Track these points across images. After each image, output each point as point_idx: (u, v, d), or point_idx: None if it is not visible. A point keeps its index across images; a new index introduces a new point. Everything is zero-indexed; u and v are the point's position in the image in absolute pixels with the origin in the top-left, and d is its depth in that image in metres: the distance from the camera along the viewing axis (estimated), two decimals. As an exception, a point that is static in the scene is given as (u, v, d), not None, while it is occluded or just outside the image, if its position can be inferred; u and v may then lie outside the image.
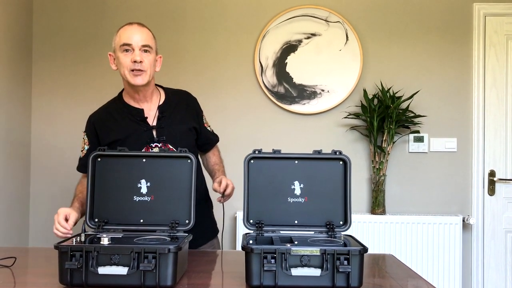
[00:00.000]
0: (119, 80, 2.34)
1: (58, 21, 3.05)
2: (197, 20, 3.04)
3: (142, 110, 1.72)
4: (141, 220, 1.41)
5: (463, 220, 2.89)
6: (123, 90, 1.79)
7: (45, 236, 3.00)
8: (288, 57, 2.99)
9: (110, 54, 1.73)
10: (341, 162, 1.42)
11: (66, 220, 1.50)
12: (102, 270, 1.15)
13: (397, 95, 2.93)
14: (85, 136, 1.75)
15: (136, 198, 1.41)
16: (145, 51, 1.65)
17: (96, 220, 1.40)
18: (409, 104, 2.92)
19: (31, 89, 3.05)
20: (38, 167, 3.04)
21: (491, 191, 2.99)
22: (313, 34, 2.99)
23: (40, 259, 1.51)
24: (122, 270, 1.15)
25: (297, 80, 2.99)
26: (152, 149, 1.66)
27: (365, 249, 1.17)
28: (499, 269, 2.97)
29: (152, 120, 1.71)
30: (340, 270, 1.14)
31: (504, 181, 2.99)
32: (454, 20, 3.01)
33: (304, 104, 2.99)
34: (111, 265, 1.15)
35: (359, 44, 2.97)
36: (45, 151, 3.03)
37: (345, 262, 1.15)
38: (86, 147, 1.74)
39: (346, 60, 2.99)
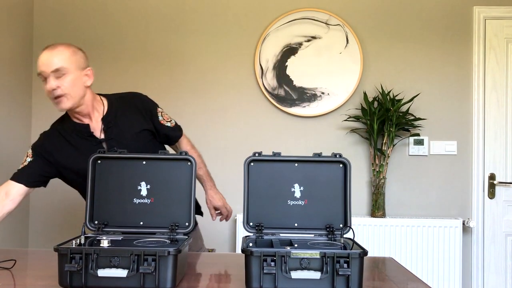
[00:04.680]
0: (119, 81, 2.38)
1: (59, 23, 3.06)
2: (197, 23, 3.04)
3: (88, 125, 1.69)
4: (141, 223, 1.40)
5: (463, 223, 2.88)
6: None
7: (44, 238, 3.00)
8: (289, 60, 3.00)
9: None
10: (341, 165, 1.42)
11: None
12: (102, 272, 1.15)
13: (397, 98, 2.93)
14: (31, 150, 1.72)
15: (136, 201, 1.41)
16: (58, 77, 1.57)
17: (96, 222, 1.40)
18: (409, 107, 2.93)
19: (31, 90, 3.05)
20: (38, 169, 3.04)
21: (491, 194, 2.99)
22: (314, 37, 3.00)
23: (39, 261, 1.51)
24: (121, 273, 1.14)
25: (297, 82, 2.99)
26: None
27: (365, 252, 1.17)
28: (499, 272, 2.96)
29: (99, 133, 1.70)
30: (340, 273, 1.14)
31: (504, 184, 2.99)
32: (454, 23, 3.01)
33: (304, 106, 2.99)
34: (110, 267, 1.15)
35: (359, 47, 2.98)
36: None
37: (345, 265, 1.15)
38: (29, 159, 1.71)
39: (346, 63, 2.99)
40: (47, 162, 1.71)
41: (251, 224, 1.40)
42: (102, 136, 1.69)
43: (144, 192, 1.41)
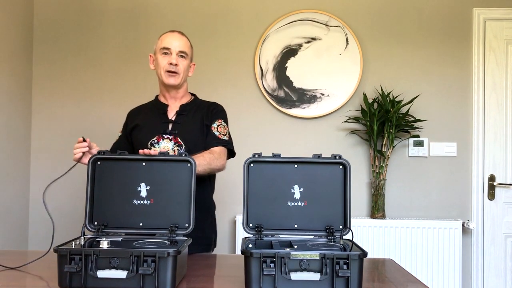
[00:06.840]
0: (119, 81, 2.37)
1: (59, 23, 3.06)
2: (197, 24, 3.05)
3: (167, 105, 1.92)
4: (141, 224, 1.40)
5: (463, 225, 2.89)
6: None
7: (44, 239, 3.00)
8: (288, 61, 3.00)
9: (150, 55, 1.95)
10: (340, 166, 1.42)
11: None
12: (101, 273, 1.15)
13: (397, 99, 2.93)
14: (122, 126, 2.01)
15: (135, 202, 1.41)
16: (181, 56, 1.87)
17: (96, 223, 1.40)
18: (409, 108, 2.93)
19: (32, 89, 3.05)
20: (38, 168, 3.04)
21: (491, 195, 2.99)
22: (313, 38, 3.00)
23: (39, 262, 1.51)
24: (121, 274, 1.14)
25: (297, 84, 2.99)
26: (163, 140, 1.83)
27: (364, 254, 1.17)
28: (499, 274, 2.96)
29: (172, 115, 1.89)
30: (339, 275, 1.14)
31: (504, 185, 2.99)
32: (454, 25, 3.02)
33: (304, 108, 2.99)
34: (110, 268, 1.15)
35: (359, 49, 2.98)
36: (45, 152, 3.03)
37: (345, 267, 1.15)
38: (119, 134, 2.00)
39: (346, 64, 2.99)
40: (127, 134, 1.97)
41: (250, 225, 1.40)
42: (173, 118, 1.88)
43: (144, 193, 1.42)
